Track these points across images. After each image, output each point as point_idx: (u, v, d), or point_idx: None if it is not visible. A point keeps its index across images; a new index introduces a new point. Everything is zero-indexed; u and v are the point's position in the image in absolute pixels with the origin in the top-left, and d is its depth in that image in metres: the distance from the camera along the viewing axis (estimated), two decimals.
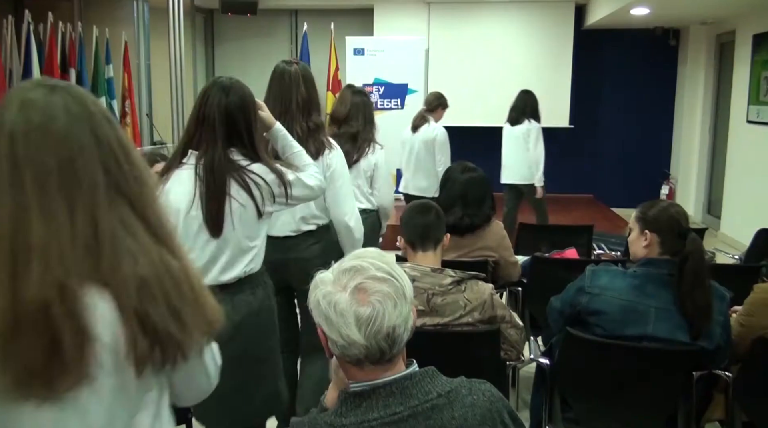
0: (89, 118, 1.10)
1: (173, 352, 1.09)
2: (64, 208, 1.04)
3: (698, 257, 2.41)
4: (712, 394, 2.72)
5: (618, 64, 9.62)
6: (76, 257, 1.03)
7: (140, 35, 7.47)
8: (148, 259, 1.09)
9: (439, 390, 1.33)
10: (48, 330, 1.00)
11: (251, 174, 2.23)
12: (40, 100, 1.07)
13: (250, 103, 2.33)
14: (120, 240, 1.07)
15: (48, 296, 1.00)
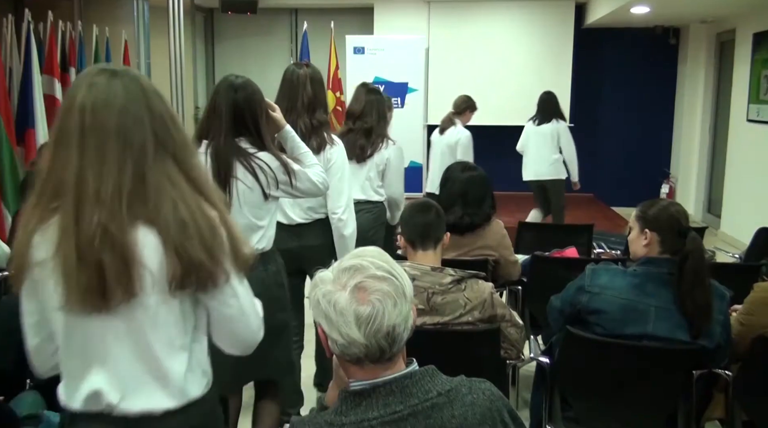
0: (144, 95, 1.41)
1: (205, 279, 1.41)
2: (115, 166, 1.35)
3: (698, 256, 2.41)
4: (712, 393, 2.72)
5: (618, 63, 9.62)
6: (123, 203, 1.35)
7: (140, 34, 7.47)
8: (185, 205, 1.40)
9: (439, 389, 1.33)
10: (97, 260, 1.33)
11: (257, 160, 2.44)
12: (103, 83, 1.39)
13: (258, 98, 2.53)
14: (163, 189, 1.39)
15: (96, 234, 1.33)
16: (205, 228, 1.40)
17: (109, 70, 1.42)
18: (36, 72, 5.99)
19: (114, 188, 1.35)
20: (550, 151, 6.42)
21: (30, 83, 5.94)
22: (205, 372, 1.54)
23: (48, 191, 1.39)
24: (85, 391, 1.43)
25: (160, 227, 1.37)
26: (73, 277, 1.34)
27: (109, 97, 1.38)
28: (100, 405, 1.43)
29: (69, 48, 6.61)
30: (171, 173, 1.41)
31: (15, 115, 5.89)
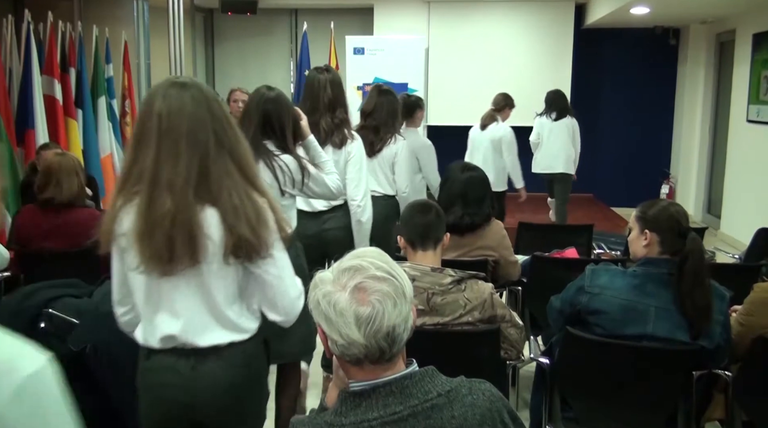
0: (207, 103, 1.78)
1: (250, 251, 1.77)
2: (185, 160, 1.72)
3: (698, 256, 2.41)
4: (712, 394, 2.72)
5: (618, 63, 9.62)
6: (190, 190, 1.72)
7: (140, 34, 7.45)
8: (237, 193, 1.76)
9: (438, 389, 1.33)
10: (167, 234, 1.71)
11: (279, 160, 2.73)
12: (175, 94, 1.76)
13: (285, 105, 2.85)
14: (222, 180, 1.75)
15: (167, 214, 1.70)
16: (251, 212, 1.77)
17: (180, 83, 1.79)
18: (36, 72, 5.99)
19: (184, 179, 1.72)
20: (569, 145, 6.68)
21: (30, 84, 5.94)
22: (255, 317, 1.91)
23: (131, 179, 1.77)
24: (161, 334, 1.82)
25: (219, 209, 1.75)
26: (146, 247, 1.72)
27: (180, 105, 1.74)
28: (174, 343, 1.82)
29: (69, 48, 6.61)
30: (228, 166, 1.77)
31: (15, 116, 5.89)
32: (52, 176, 3.54)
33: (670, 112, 9.71)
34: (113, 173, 7.01)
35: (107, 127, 6.96)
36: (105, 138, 6.92)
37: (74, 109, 6.54)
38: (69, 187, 3.54)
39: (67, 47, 6.58)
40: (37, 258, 3.58)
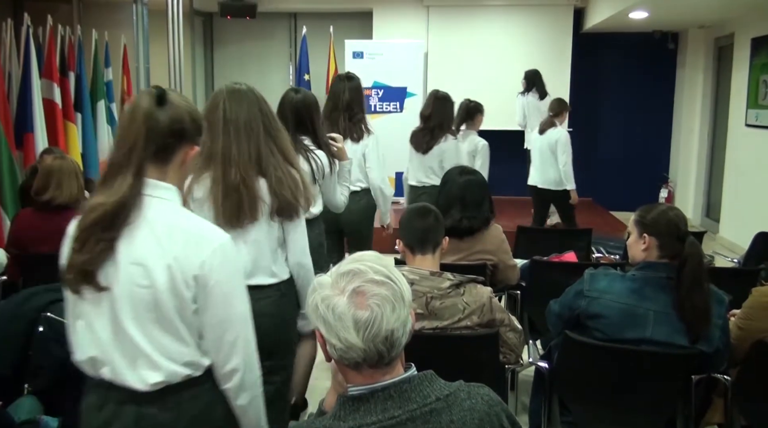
0: (257, 101, 2.40)
1: (290, 212, 2.38)
2: (245, 143, 2.33)
3: (697, 260, 2.41)
4: (711, 398, 2.72)
5: (617, 67, 9.64)
6: (250, 165, 2.32)
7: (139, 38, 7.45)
8: (280, 168, 2.36)
9: (437, 394, 1.33)
10: (236, 197, 2.29)
11: (313, 154, 3.13)
12: (236, 96, 2.38)
13: (313, 103, 3.29)
14: (268, 158, 2.35)
15: (237, 181, 2.29)
16: (290, 183, 2.36)
17: (237, 87, 2.41)
18: (35, 76, 6.00)
19: (246, 157, 2.32)
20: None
21: (29, 87, 5.94)
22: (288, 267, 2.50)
23: (202, 158, 2.28)
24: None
25: (268, 180, 2.33)
26: (219, 208, 2.30)
27: (239, 104, 2.37)
28: None
29: (68, 52, 6.62)
30: (272, 149, 2.37)
31: (14, 119, 5.89)
32: (53, 178, 3.54)
33: (668, 116, 9.72)
34: None
35: (106, 130, 6.97)
36: (104, 141, 6.92)
37: (73, 112, 6.55)
38: (69, 189, 3.54)
39: (66, 51, 6.59)
40: (36, 262, 3.58)
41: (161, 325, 1.61)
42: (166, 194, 1.67)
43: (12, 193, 5.33)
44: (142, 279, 1.59)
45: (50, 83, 6.24)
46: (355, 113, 4.14)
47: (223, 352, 1.66)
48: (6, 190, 5.34)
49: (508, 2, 9.11)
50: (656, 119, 9.65)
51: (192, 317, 1.63)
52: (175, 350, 1.63)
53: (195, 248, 1.62)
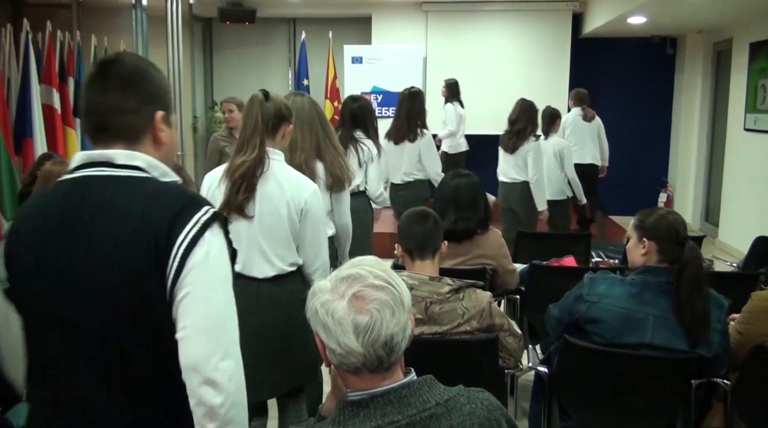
0: (315, 106, 3.19)
1: (339, 187, 3.14)
2: (309, 136, 3.09)
3: (696, 265, 2.41)
4: (711, 402, 2.71)
5: (615, 72, 9.65)
6: (312, 151, 3.08)
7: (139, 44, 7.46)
8: (332, 155, 3.13)
9: (437, 398, 1.32)
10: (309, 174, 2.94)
11: (362, 143, 4.30)
12: (299, 100, 3.12)
13: (366, 106, 4.50)
14: (324, 148, 3.12)
15: (301, 162, 2.98)
16: (340, 165, 3.15)
17: (300, 93, 3.22)
18: (34, 82, 5.99)
19: (308, 146, 3.07)
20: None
21: (28, 93, 5.94)
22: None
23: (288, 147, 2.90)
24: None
25: (324, 162, 3.11)
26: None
27: (302, 106, 3.10)
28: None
29: (67, 58, 6.62)
30: (326, 141, 3.14)
31: (13, 125, 5.89)
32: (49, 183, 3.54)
33: (667, 121, 9.73)
34: None
35: None
36: None
37: (72, 118, 6.54)
38: None
39: (65, 56, 6.58)
40: None
41: (279, 239, 2.55)
42: (278, 156, 2.59)
43: (11, 198, 5.32)
44: (272, 210, 2.52)
45: (49, 89, 6.24)
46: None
47: (312, 256, 2.63)
48: (5, 195, 5.34)
49: (507, 7, 9.13)
50: (655, 123, 9.66)
51: (297, 234, 2.57)
52: (285, 254, 2.57)
53: (301, 191, 2.55)
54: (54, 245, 1.41)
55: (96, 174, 1.45)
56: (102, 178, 1.44)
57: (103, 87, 1.46)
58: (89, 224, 1.40)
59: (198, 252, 1.37)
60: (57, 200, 1.47)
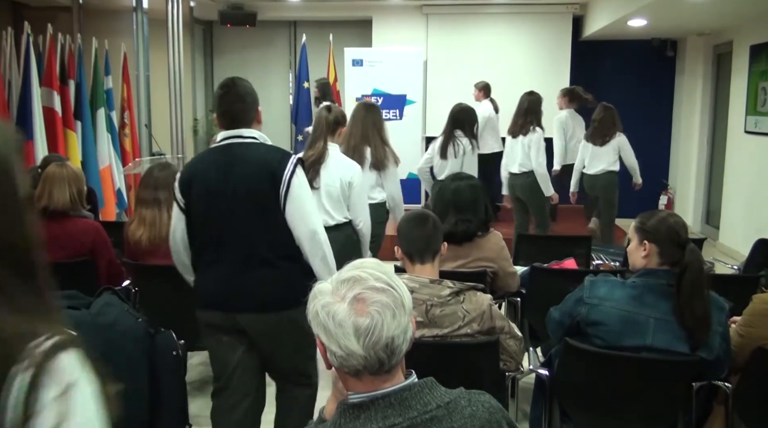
0: (368, 108, 4.57)
1: (384, 165, 4.42)
2: (360, 129, 4.45)
3: (697, 267, 2.41)
4: (712, 405, 2.71)
5: (616, 74, 9.65)
6: (360, 139, 4.41)
7: (139, 46, 7.48)
8: (376, 143, 4.43)
9: (438, 401, 1.32)
10: (351, 155, 4.27)
11: (459, 140, 5.43)
12: (357, 105, 4.70)
13: (466, 109, 5.60)
14: (371, 137, 4.44)
15: (354, 145, 4.40)
16: (382, 150, 4.38)
17: (367, 103, 4.66)
18: (35, 84, 6.01)
19: (358, 136, 4.37)
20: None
21: (29, 95, 5.96)
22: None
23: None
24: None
25: (371, 148, 4.34)
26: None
27: (357, 109, 4.54)
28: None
29: (68, 60, 6.63)
30: (375, 134, 4.40)
31: None
32: (46, 185, 3.56)
33: (668, 124, 9.73)
34: (112, 184, 7.01)
35: (106, 138, 6.97)
36: (104, 149, 6.92)
37: (73, 120, 6.55)
38: (60, 196, 3.55)
39: (66, 59, 6.59)
40: None
41: (336, 202, 3.84)
42: (335, 149, 3.89)
43: None
44: (329, 182, 3.81)
45: (50, 91, 6.25)
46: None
47: (356, 214, 3.86)
48: None
49: (507, 10, 9.14)
50: (655, 126, 9.66)
51: (346, 199, 3.83)
52: (340, 211, 3.85)
53: (348, 171, 3.82)
54: (215, 179, 2.63)
55: (233, 142, 2.68)
56: (237, 144, 2.67)
57: (230, 98, 2.69)
58: (234, 168, 2.62)
59: (294, 180, 2.60)
60: (215, 155, 2.72)
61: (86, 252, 3.59)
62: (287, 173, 2.59)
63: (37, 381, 0.89)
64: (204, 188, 2.64)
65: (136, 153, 7.58)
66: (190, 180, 2.67)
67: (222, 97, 2.69)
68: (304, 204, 2.63)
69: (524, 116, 6.21)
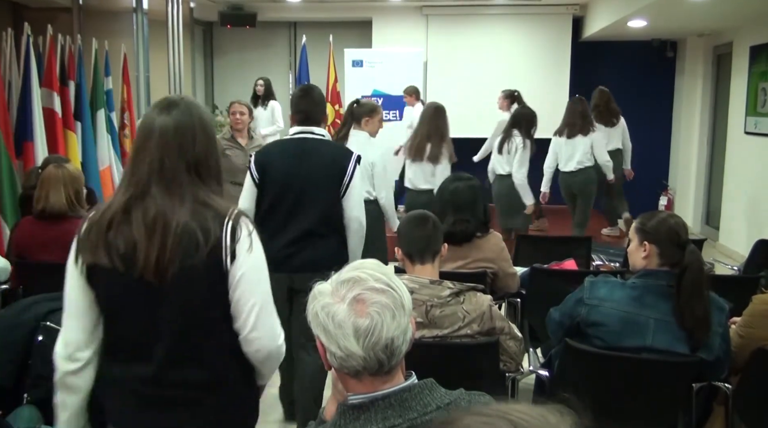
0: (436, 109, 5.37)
1: (435, 161, 5.21)
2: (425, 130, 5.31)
3: (697, 268, 2.41)
4: (712, 406, 2.71)
5: (616, 75, 9.63)
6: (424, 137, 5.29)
7: (139, 47, 7.48)
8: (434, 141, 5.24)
9: (438, 402, 1.32)
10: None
11: (513, 139, 5.89)
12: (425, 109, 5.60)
13: (527, 113, 5.98)
14: (433, 136, 5.20)
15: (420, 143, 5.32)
16: (440, 146, 5.19)
17: (435, 105, 5.34)
18: (35, 85, 6.00)
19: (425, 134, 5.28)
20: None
21: (29, 96, 5.94)
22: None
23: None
24: None
25: (431, 143, 5.20)
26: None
27: (426, 110, 5.43)
28: None
29: (68, 61, 6.62)
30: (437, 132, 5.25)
31: (14, 128, 5.90)
32: (44, 186, 3.57)
33: (668, 124, 9.73)
34: (112, 185, 7.01)
35: (106, 139, 6.96)
36: (104, 150, 6.92)
37: (73, 121, 6.54)
38: (56, 198, 3.55)
39: (66, 60, 6.59)
40: (36, 271, 3.58)
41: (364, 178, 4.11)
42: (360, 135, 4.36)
43: (12, 201, 5.33)
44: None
45: (50, 92, 6.24)
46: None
47: (378, 190, 4.31)
48: (6, 198, 5.34)
49: (507, 11, 9.14)
50: (655, 127, 9.66)
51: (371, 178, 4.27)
52: (369, 190, 4.25)
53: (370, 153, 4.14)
54: (292, 164, 3.20)
55: (306, 137, 3.30)
56: (309, 139, 3.29)
57: (306, 101, 3.34)
58: (309, 156, 3.22)
59: (356, 174, 3.25)
60: (290, 144, 3.33)
61: None
62: (351, 168, 3.23)
63: (236, 226, 1.75)
64: (282, 169, 3.21)
65: None
66: (265, 161, 3.25)
67: (300, 99, 3.36)
68: (359, 195, 3.29)
69: (582, 118, 6.60)
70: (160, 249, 1.67)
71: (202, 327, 1.74)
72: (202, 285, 1.71)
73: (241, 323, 1.75)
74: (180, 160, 1.72)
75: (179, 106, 1.77)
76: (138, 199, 1.70)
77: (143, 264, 1.67)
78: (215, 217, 1.71)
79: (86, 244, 1.72)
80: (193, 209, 1.70)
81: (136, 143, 1.77)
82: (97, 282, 1.73)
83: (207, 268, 1.69)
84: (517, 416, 0.85)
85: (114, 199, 1.74)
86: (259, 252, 1.76)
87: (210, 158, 1.77)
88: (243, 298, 1.73)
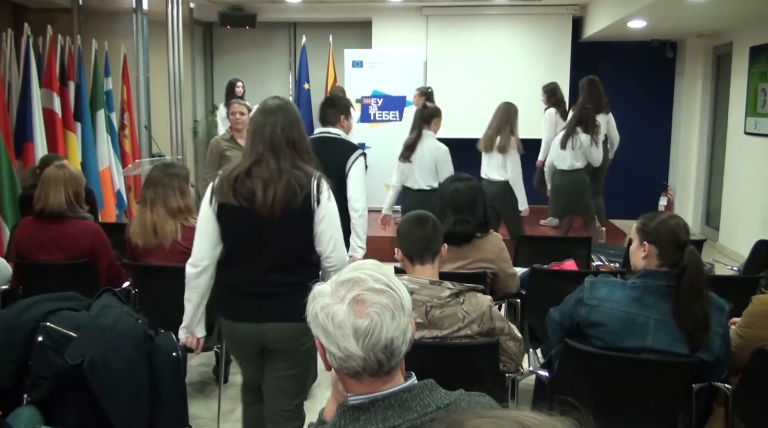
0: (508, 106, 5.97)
1: (506, 151, 5.79)
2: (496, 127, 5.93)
3: (695, 269, 2.41)
4: (712, 406, 2.71)
5: (615, 76, 9.63)
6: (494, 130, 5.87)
7: (139, 48, 7.47)
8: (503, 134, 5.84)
9: (437, 403, 1.32)
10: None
11: (577, 136, 6.22)
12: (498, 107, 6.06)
13: (586, 110, 6.30)
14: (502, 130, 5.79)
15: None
16: (509, 138, 5.71)
17: (507, 103, 5.87)
18: (35, 86, 6.00)
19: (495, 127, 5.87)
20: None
21: (29, 97, 5.95)
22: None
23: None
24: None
25: (500, 136, 5.75)
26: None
27: (499, 107, 5.96)
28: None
29: (68, 62, 6.62)
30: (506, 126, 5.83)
31: (14, 129, 5.90)
32: (43, 187, 3.57)
33: (667, 125, 9.73)
34: (112, 186, 7.01)
35: (106, 140, 6.97)
36: (103, 151, 6.92)
37: (73, 122, 6.55)
38: (56, 198, 3.55)
39: (66, 60, 6.59)
40: (36, 271, 3.58)
41: (426, 172, 5.18)
42: (429, 135, 5.28)
43: (12, 202, 5.33)
44: (422, 159, 5.19)
45: (50, 93, 6.25)
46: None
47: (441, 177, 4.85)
48: (6, 199, 5.34)
49: (507, 11, 9.13)
50: (655, 127, 9.66)
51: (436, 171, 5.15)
52: (425, 180, 5.25)
53: (437, 151, 5.17)
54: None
55: (325, 136, 3.86)
56: (328, 137, 3.85)
57: (326, 105, 3.97)
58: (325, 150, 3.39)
59: (355, 166, 3.66)
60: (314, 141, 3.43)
61: (86, 254, 3.59)
62: (351, 160, 3.70)
63: (320, 183, 2.56)
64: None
65: (136, 154, 7.57)
66: None
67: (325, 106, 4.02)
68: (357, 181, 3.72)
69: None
70: (273, 197, 2.47)
71: (294, 248, 2.58)
72: (297, 220, 2.53)
73: (323, 248, 2.60)
74: (283, 139, 2.53)
75: (281, 104, 2.62)
76: (256, 164, 2.52)
77: (260, 206, 2.47)
78: (306, 176, 2.54)
79: (220, 190, 2.53)
80: (292, 171, 2.52)
81: (254, 126, 2.59)
82: (223, 215, 2.55)
83: (301, 209, 2.52)
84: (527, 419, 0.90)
85: (240, 163, 2.58)
86: (333, 201, 2.60)
87: (302, 137, 2.62)
88: (325, 231, 2.57)
